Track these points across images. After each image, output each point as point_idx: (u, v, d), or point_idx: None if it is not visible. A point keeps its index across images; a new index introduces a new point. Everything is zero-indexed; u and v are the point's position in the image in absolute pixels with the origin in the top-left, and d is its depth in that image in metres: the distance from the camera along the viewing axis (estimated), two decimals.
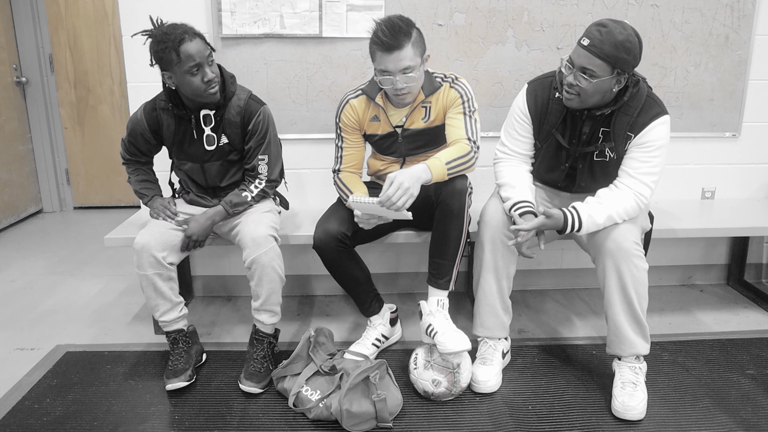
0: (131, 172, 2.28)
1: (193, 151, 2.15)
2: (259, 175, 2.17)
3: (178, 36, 1.90)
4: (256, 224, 2.06)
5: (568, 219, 1.90)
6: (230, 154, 2.17)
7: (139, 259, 2.00)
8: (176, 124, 2.12)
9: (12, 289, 2.97)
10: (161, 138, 2.18)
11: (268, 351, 2.09)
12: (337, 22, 2.54)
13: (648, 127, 1.91)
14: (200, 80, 1.95)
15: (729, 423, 1.85)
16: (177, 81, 1.97)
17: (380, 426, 1.82)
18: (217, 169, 2.19)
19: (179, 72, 1.94)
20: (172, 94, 2.06)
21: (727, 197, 2.88)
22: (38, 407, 1.94)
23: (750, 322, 2.58)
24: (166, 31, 1.93)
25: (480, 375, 2.01)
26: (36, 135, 4.31)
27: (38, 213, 4.42)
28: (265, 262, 2.00)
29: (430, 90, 2.08)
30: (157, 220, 2.13)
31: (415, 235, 2.32)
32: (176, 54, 1.91)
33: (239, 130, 2.13)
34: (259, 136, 2.14)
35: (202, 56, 1.94)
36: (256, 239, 2.00)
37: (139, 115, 2.15)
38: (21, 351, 2.34)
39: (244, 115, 2.11)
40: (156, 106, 2.12)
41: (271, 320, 2.09)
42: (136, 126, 2.16)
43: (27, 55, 4.17)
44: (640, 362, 1.97)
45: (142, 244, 2.00)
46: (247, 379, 2.00)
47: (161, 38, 1.92)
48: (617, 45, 1.78)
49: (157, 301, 2.04)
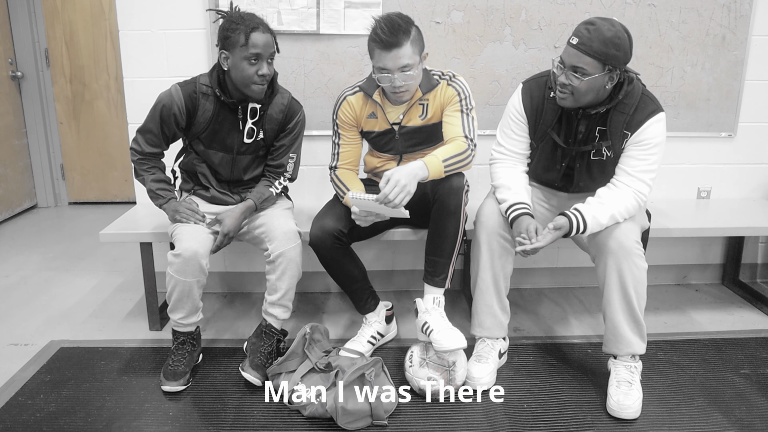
0: (146, 171, 2.14)
1: (230, 141, 2.13)
2: (285, 172, 2.22)
3: (253, 23, 1.94)
4: (286, 219, 2.11)
5: (573, 222, 1.90)
6: (261, 150, 2.19)
7: (185, 266, 1.94)
8: (215, 111, 2.09)
9: (6, 285, 2.96)
10: (191, 122, 2.10)
11: (275, 348, 2.09)
12: (335, 19, 2.53)
13: (644, 125, 1.91)
14: (254, 72, 1.96)
15: (723, 422, 1.85)
16: (232, 63, 1.98)
17: (375, 424, 1.82)
18: (247, 162, 2.20)
19: (239, 56, 1.95)
20: (221, 80, 2.05)
21: (722, 197, 2.89)
22: (32, 403, 1.93)
23: (745, 321, 2.59)
24: (243, 15, 1.97)
25: (475, 372, 2.01)
26: (31, 130, 4.29)
27: (33, 208, 4.40)
28: (293, 256, 2.04)
29: (427, 87, 2.08)
30: (187, 224, 2.06)
31: (411, 232, 2.32)
32: (245, 38, 1.93)
33: (277, 127, 2.16)
34: (294, 135, 2.19)
35: (267, 51, 1.96)
36: (287, 233, 2.04)
37: (174, 93, 2.04)
38: (15, 346, 2.33)
39: (287, 114, 2.15)
40: (196, 89, 2.06)
41: (284, 316, 2.10)
42: (171, 105, 2.04)
43: (22, 49, 4.15)
44: (635, 361, 1.98)
45: (192, 251, 1.93)
46: (253, 369, 2.00)
47: (237, 19, 1.95)
48: (606, 41, 1.78)
49: (185, 304, 2.01)
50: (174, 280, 1.96)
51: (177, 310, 2.03)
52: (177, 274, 1.95)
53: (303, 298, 2.81)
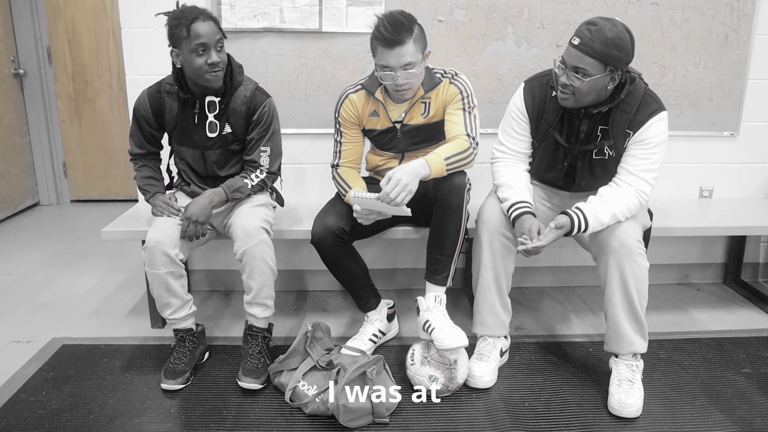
0: (138, 169, 2.23)
1: (196, 137, 2.14)
2: (260, 166, 2.17)
3: (192, 14, 1.94)
4: (249, 216, 2.06)
5: (575, 221, 1.90)
6: (232, 144, 2.16)
7: (151, 258, 1.96)
8: (179, 108, 2.11)
9: (8, 282, 2.97)
10: (162, 122, 2.16)
11: (263, 346, 2.08)
12: (337, 17, 2.53)
13: (646, 124, 1.91)
14: (204, 61, 1.95)
15: (725, 421, 1.85)
16: (183, 59, 1.98)
17: (377, 421, 1.82)
18: (218, 158, 2.18)
19: (186, 49, 1.95)
20: (180, 77, 2.06)
21: (724, 196, 2.88)
22: (34, 400, 1.94)
23: (746, 321, 2.59)
24: (183, 9, 1.97)
25: (476, 370, 2.01)
26: (33, 127, 4.30)
27: (35, 206, 4.40)
28: (256, 253, 1.99)
29: (429, 86, 2.07)
30: (161, 217, 2.09)
31: (413, 230, 2.32)
32: (186, 30, 1.92)
33: (243, 120, 2.13)
34: (263, 127, 2.14)
35: (211, 38, 1.95)
36: (248, 230, 2.00)
37: (142, 98, 2.13)
38: (17, 344, 2.33)
39: (250, 106, 2.11)
40: (160, 88, 2.12)
41: (264, 314, 2.07)
42: (139, 108, 2.14)
43: (25, 47, 4.16)
44: (637, 360, 1.98)
45: (154, 241, 1.96)
46: (246, 375, 1.99)
47: (177, 15, 1.95)
48: (608, 42, 1.77)
49: (168, 299, 2.02)
50: (149, 275, 1.99)
51: (164, 308, 2.04)
52: (148, 267, 1.97)
53: (305, 297, 2.81)
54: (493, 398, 1.97)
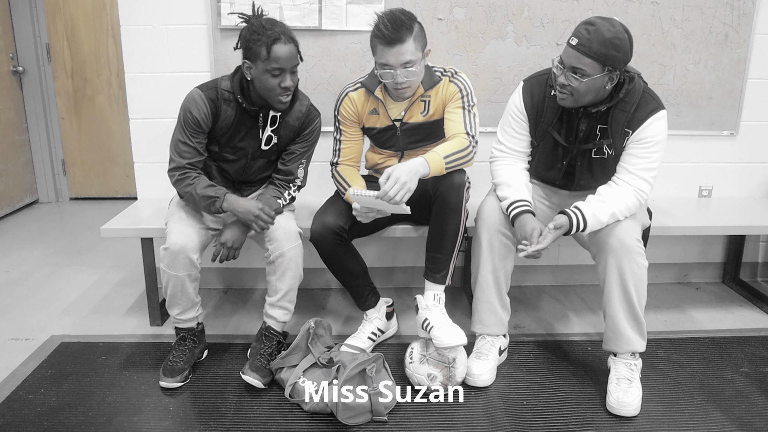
0: (193, 182, 2.02)
1: (246, 146, 2.11)
2: (296, 179, 2.18)
3: (274, 34, 1.88)
4: (288, 219, 2.11)
5: (573, 221, 1.90)
6: (274, 155, 2.18)
7: (173, 260, 1.95)
8: (236, 117, 2.06)
9: (7, 280, 2.96)
10: (213, 127, 2.05)
11: (275, 350, 2.09)
12: (337, 15, 2.52)
13: (645, 123, 1.91)
14: (277, 83, 1.93)
15: (723, 420, 1.85)
16: (255, 74, 1.94)
17: (375, 419, 1.82)
18: (259, 166, 2.18)
19: (261, 68, 1.91)
20: (244, 86, 2.03)
21: (724, 196, 2.88)
22: (32, 397, 1.94)
23: (745, 320, 2.59)
24: (264, 24, 1.90)
25: (475, 369, 2.02)
26: (32, 125, 4.29)
27: (34, 203, 4.40)
28: (293, 256, 2.03)
29: (429, 84, 2.07)
30: (179, 218, 2.04)
31: (412, 229, 2.32)
32: (267, 51, 1.88)
33: (293, 134, 2.14)
34: (309, 142, 2.17)
35: (290, 63, 1.92)
36: (288, 233, 2.03)
37: (198, 99, 1.99)
38: (16, 341, 2.33)
39: (304, 121, 2.12)
40: (218, 95, 2.02)
41: (284, 318, 2.10)
42: (197, 111, 1.99)
43: (24, 44, 4.14)
44: (635, 359, 1.98)
45: (179, 246, 1.94)
46: (252, 371, 1.98)
47: (258, 30, 1.89)
48: (606, 42, 1.77)
49: (180, 299, 2.02)
50: (166, 274, 1.98)
51: (173, 306, 2.04)
52: (168, 268, 1.97)
53: (303, 295, 2.80)
54: (492, 397, 1.97)
